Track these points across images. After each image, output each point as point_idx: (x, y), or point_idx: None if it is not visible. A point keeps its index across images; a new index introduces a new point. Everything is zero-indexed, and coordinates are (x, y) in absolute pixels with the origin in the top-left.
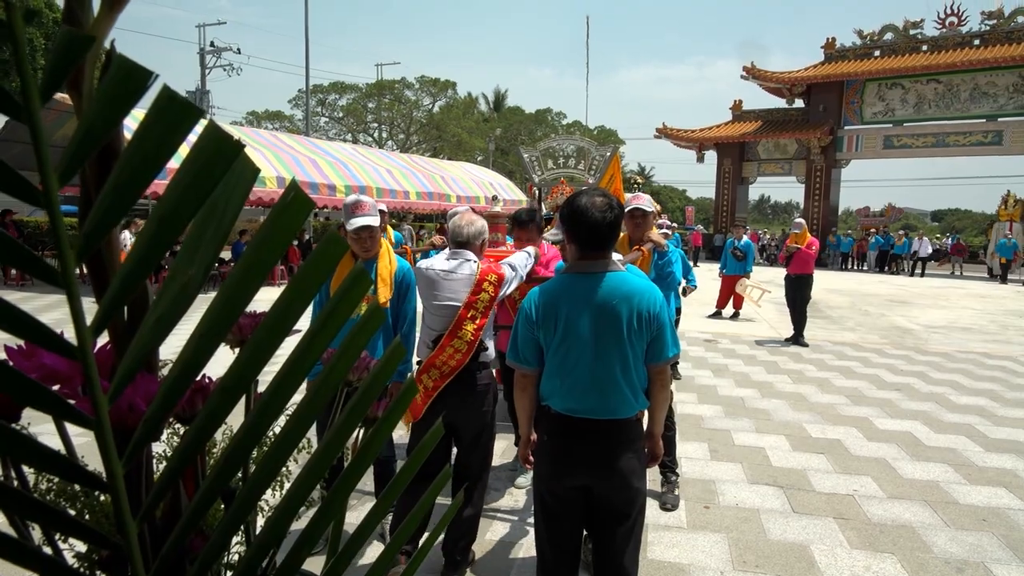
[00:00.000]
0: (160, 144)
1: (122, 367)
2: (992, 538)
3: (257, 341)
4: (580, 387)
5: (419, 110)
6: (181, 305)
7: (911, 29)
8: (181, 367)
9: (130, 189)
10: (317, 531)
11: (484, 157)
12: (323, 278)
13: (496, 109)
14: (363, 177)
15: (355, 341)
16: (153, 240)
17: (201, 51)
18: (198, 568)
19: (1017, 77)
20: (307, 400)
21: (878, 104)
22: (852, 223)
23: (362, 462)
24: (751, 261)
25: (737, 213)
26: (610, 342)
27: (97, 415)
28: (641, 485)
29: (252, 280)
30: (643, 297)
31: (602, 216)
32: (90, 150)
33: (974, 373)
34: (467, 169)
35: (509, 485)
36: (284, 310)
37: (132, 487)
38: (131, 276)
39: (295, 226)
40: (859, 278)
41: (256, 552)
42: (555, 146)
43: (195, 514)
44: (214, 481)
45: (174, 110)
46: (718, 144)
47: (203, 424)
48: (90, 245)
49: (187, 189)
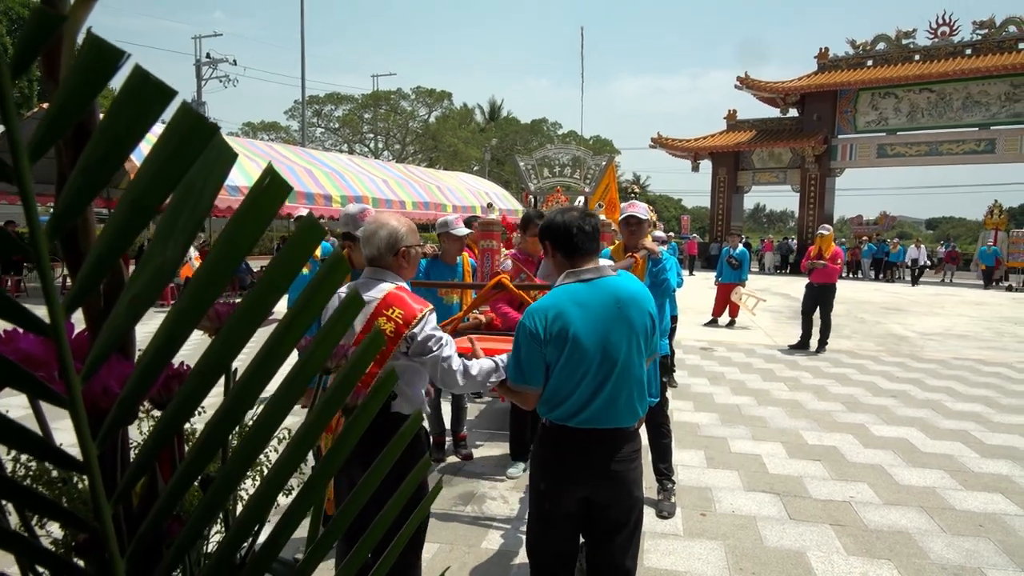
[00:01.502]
0: (132, 124)
1: (96, 345)
2: (988, 544)
3: (234, 325)
4: (588, 398)
5: (415, 120)
6: (156, 286)
7: (903, 39)
8: (155, 350)
9: (102, 169)
10: (295, 518)
11: (480, 167)
12: (300, 264)
13: (492, 119)
14: (359, 187)
15: (334, 328)
16: (126, 221)
17: (197, 63)
18: (175, 552)
19: (1009, 86)
20: (285, 385)
21: (871, 113)
22: (847, 232)
23: (341, 449)
24: (746, 269)
25: (733, 222)
26: (623, 349)
27: (71, 394)
28: (640, 493)
29: (227, 265)
30: (646, 299)
31: (582, 220)
32: (63, 128)
33: (969, 380)
34: (463, 179)
35: (505, 492)
36: (262, 295)
37: (107, 470)
38: (104, 256)
39: (271, 211)
40: (854, 286)
41: (233, 538)
42: (551, 155)
43: (171, 497)
44: (191, 464)
45: (147, 90)
46: (713, 153)
47: (179, 407)
48: (62, 224)
49: (160, 170)
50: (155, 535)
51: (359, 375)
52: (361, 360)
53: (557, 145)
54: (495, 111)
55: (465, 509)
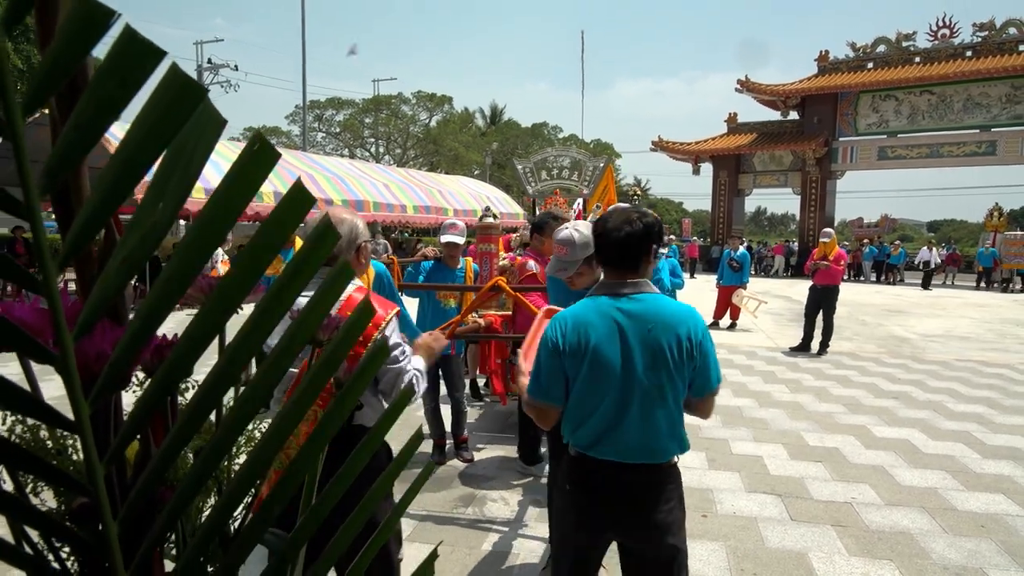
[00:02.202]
0: (122, 82)
1: (88, 304)
2: (990, 544)
3: (227, 286)
4: (608, 425)
5: (416, 125)
6: (147, 247)
7: (904, 41)
8: (147, 312)
9: (93, 126)
10: (287, 488)
11: (481, 171)
12: (292, 227)
13: (492, 123)
14: (360, 192)
15: (324, 298)
16: (116, 179)
17: (199, 68)
18: (166, 517)
19: (1010, 87)
20: (277, 352)
21: (872, 115)
22: (848, 234)
23: (334, 419)
24: (747, 272)
25: (734, 225)
26: (646, 374)
27: (63, 352)
28: (679, 541)
29: (215, 232)
30: (685, 323)
31: (618, 228)
32: (55, 84)
33: (972, 381)
34: (464, 183)
35: (506, 494)
36: (255, 255)
37: (100, 434)
38: (96, 213)
39: (259, 179)
40: (856, 288)
41: (225, 506)
42: (549, 158)
43: (164, 459)
44: (183, 427)
45: (136, 50)
46: (714, 156)
47: (170, 369)
48: (54, 180)
49: (150, 131)
50: (147, 500)
51: (351, 343)
52: (353, 329)
53: (556, 148)
54: (496, 115)
55: (466, 511)
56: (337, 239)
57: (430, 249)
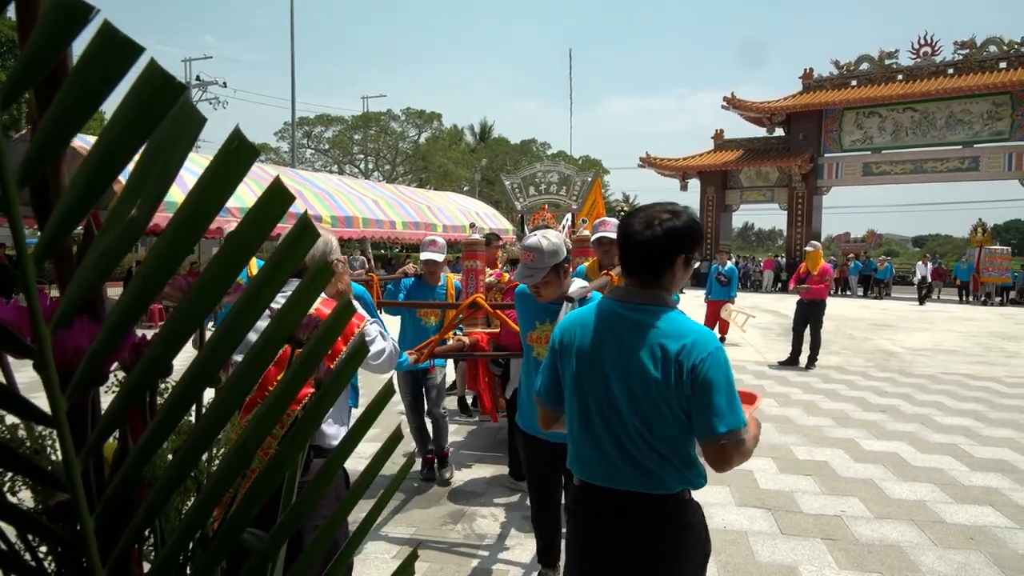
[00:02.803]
0: (101, 77)
1: (65, 296)
2: (979, 556)
3: (204, 282)
4: (593, 443)
5: (405, 141)
6: (125, 241)
7: (886, 59)
8: (125, 306)
9: (72, 118)
10: (268, 484)
11: (470, 187)
12: (272, 224)
13: (482, 140)
14: (349, 208)
15: (304, 293)
16: (94, 174)
17: (187, 85)
18: (144, 514)
19: (991, 104)
20: (255, 351)
21: (856, 132)
22: (835, 249)
23: (314, 417)
24: (735, 286)
25: (721, 240)
26: (626, 389)
27: (39, 345)
28: None
29: (191, 232)
30: (681, 340)
31: (639, 231)
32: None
33: (958, 394)
34: (453, 199)
35: (495, 511)
36: (232, 253)
37: (77, 432)
38: (74, 205)
39: (238, 178)
40: (843, 303)
41: (203, 503)
42: (538, 173)
43: (141, 456)
44: (161, 424)
45: (116, 44)
46: (701, 172)
47: (148, 365)
48: (33, 170)
49: (129, 125)
50: (125, 496)
51: (332, 340)
52: (334, 326)
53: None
54: (485, 132)
55: (455, 528)
56: (316, 238)
57: (411, 266)
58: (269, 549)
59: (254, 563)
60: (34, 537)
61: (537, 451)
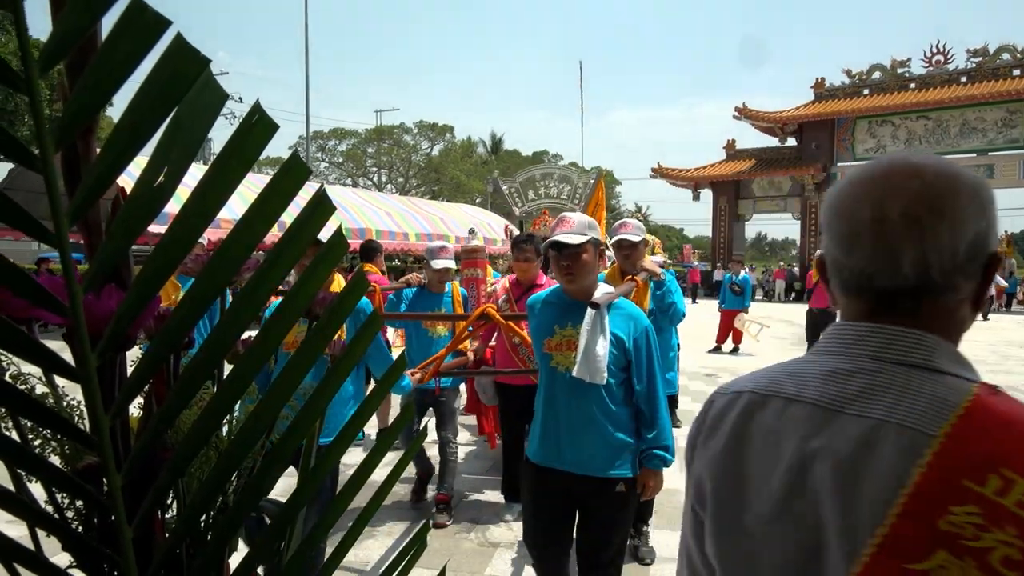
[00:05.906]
0: (131, 50)
1: (95, 258)
2: None
3: (228, 247)
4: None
5: (418, 154)
6: (149, 210)
7: (899, 68)
8: (152, 271)
9: (103, 87)
10: (287, 448)
11: (483, 199)
12: (290, 196)
13: (494, 152)
14: (363, 220)
15: (317, 271)
16: (123, 141)
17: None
18: (168, 475)
19: (1005, 112)
20: (270, 325)
21: (869, 141)
22: None
23: (332, 384)
24: (749, 296)
25: (734, 251)
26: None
27: (71, 302)
28: None
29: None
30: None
31: None
32: (67, 46)
33: None
34: (465, 211)
35: (508, 516)
36: (249, 227)
37: (106, 390)
38: (104, 172)
39: (257, 151)
40: None
41: (223, 467)
42: (536, 176)
43: (165, 417)
44: (184, 387)
45: (145, 17)
46: (713, 183)
47: (171, 330)
48: (66, 133)
49: (157, 96)
50: (150, 456)
51: (348, 311)
52: (348, 298)
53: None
54: (497, 144)
55: (469, 536)
56: (332, 211)
57: (414, 276)
58: (286, 513)
59: (273, 526)
60: (63, 497)
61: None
